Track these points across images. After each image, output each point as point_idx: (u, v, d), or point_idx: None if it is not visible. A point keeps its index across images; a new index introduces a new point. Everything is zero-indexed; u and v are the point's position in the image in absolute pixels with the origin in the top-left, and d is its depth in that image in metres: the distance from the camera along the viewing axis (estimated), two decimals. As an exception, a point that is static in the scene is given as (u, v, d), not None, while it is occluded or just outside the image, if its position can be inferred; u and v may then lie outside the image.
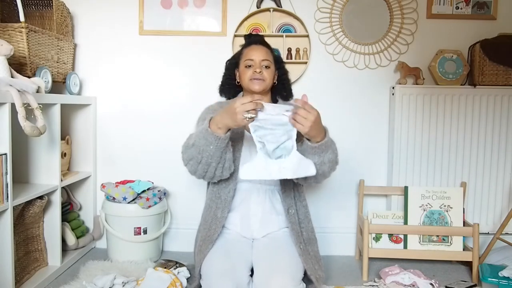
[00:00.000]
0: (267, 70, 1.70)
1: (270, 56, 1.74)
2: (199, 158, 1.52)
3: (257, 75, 1.68)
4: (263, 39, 1.82)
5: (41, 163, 1.96)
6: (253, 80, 1.69)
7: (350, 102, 2.33)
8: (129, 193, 2.11)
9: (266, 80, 1.69)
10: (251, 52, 1.72)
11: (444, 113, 2.23)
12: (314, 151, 1.49)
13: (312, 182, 1.65)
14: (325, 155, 1.52)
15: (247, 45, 1.77)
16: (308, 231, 1.73)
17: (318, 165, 1.50)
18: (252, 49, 1.73)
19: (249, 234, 1.70)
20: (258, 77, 1.68)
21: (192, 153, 1.53)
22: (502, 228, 2.05)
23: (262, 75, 1.68)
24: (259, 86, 1.69)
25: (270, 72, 1.72)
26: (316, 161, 1.49)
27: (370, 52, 2.31)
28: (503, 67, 2.18)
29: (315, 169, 1.45)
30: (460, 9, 2.28)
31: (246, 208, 1.69)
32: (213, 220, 1.68)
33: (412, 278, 1.86)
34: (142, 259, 2.13)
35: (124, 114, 2.36)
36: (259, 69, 1.68)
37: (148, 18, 2.31)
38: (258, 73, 1.68)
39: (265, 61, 1.70)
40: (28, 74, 1.83)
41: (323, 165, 1.53)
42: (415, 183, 2.25)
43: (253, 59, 1.69)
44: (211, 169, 1.54)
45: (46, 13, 2.19)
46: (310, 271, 1.58)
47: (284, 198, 1.69)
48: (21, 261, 1.81)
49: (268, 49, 1.76)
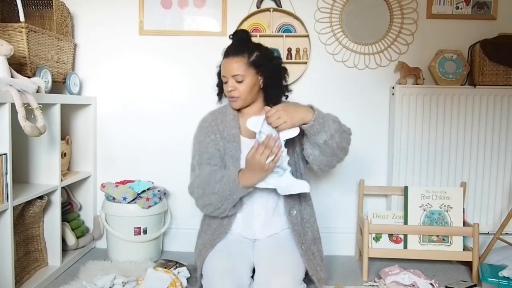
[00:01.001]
0: (241, 84, 1.64)
1: (242, 66, 1.63)
2: (219, 205, 1.56)
3: (230, 94, 1.66)
4: (240, 44, 1.69)
5: (41, 163, 1.96)
6: (230, 98, 1.69)
7: (350, 102, 2.33)
8: (129, 193, 2.11)
9: (241, 96, 1.65)
10: (224, 67, 1.67)
11: (444, 113, 2.23)
12: (313, 129, 1.49)
13: (335, 161, 1.63)
14: (328, 126, 1.51)
15: (223, 56, 1.71)
16: (313, 231, 1.72)
17: (329, 141, 1.51)
18: (224, 63, 1.67)
19: (251, 235, 1.70)
20: (231, 95, 1.66)
21: (212, 200, 1.56)
22: (502, 228, 2.05)
23: (234, 92, 1.65)
24: (235, 105, 1.69)
25: (245, 84, 1.64)
26: (325, 137, 1.50)
27: (370, 52, 2.31)
28: (503, 67, 2.18)
29: (309, 187, 1.52)
30: (460, 9, 2.28)
31: (249, 210, 1.69)
32: (218, 226, 1.67)
33: (412, 278, 1.86)
34: (142, 259, 2.13)
35: (124, 114, 2.36)
36: (231, 87, 1.65)
37: (148, 18, 2.31)
38: (229, 91, 1.66)
39: (237, 76, 1.63)
40: (28, 74, 1.83)
41: (332, 138, 1.52)
42: (415, 183, 2.25)
43: (225, 76, 1.67)
44: (225, 212, 1.60)
45: (46, 13, 2.19)
46: (312, 272, 1.57)
47: (286, 199, 1.68)
48: (21, 261, 1.81)
49: (242, 56, 1.64)
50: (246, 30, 1.78)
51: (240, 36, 1.72)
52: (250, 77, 1.65)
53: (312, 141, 1.54)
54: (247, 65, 1.64)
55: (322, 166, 1.63)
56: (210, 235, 1.67)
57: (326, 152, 1.56)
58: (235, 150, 1.66)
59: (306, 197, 1.74)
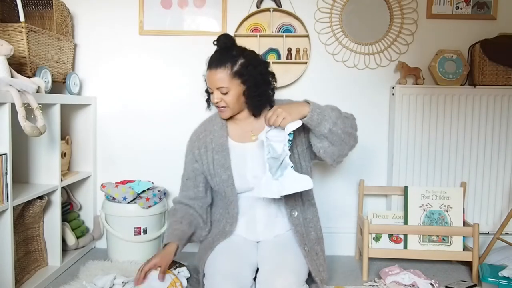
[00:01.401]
0: (226, 96, 1.62)
1: (226, 78, 1.60)
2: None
3: (217, 105, 1.66)
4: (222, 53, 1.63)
5: (41, 163, 1.96)
6: (217, 109, 1.69)
7: (350, 102, 2.32)
8: (129, 193, 2.11)
9: (229, 105, 1.64)
10: (208, 79, 1.66)
11: (444, 113, 2.23)
12: (314, 120, 1.47)
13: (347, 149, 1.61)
14: (328, 115, 1.49)
15: (208, 67, 1.66)
16: (317, 231, 1.71)
17: (333, 128, 1.49)
18: (208, 75, 1.65)
19: (255, 237, 1.70)
20: (218, 106, 1.66)
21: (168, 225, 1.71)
22: (502, 228, 2.05)
23: (221, 103, 1.64)
24: (223, 115, 1.69)
25: (231, 96, 1.62)
26: (328, 126, 1.48)
27: (370, 52, 2.31)
28: (503, 67, 2.18)
29: (312, 183, 1.50)
30: (460, 9, 2.28)
31: (252, 213, 1.69)
32: (220, 232, 1.68)
33: (412, 278, 1.86)
34: (142, 259, 2.12)
35: (124, 114, 2.36)
36: (217, 98, 1.64)
37: (148, 18, 2.31)
38: (215, 102, 1.65)
39: (221, 88, 1.61)
40: (28, 74, 1.83)
41: (336, 125, 1.50)
42: (415, 183, 2.25)
43: (210, 87, 1.66)
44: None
45: (46, 13, 2.19)
46: (315, 273, 1.57)
47: (287, 201, 1.67)
48: (21, 261, 1.81)
49: (225, 67, 1.60)
50: (229, 35, 1.68)
51: (223, 42, 1.66)
52: (234, 87, 1.62)
53: (317, 133, 1.51)
54: (230, 76, 1.60)
55: (335, 157, 1.59)
56: (211, 238, 1.69)
57: (334, 141, 1.52)
58: (224, 159, 1.67)
59: (309, 196, 1.73)
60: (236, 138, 1.71)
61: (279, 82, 2.21)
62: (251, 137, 1.70)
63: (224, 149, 1.67)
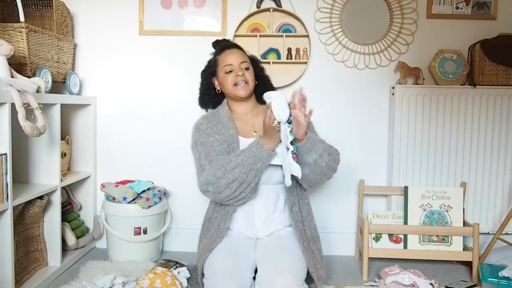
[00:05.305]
0: (248, 72, 1.70)
1: (246, 57, 1.74)
2: (243, 178, 1.52)
3: (240, 78, 1.68)
4: (234, 43, 1.81)
5: (41, 163, 1.96)
6: (237, 86, 1.69)
7: (350, 102, 2.33)
8: (129, 193, 2.11)
9: (249, 82, 1.70)
10: (228, 57, 1.70)
11: (444, 113, 2.23)
12: (305, 148, 1.52)
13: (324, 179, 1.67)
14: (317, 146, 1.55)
15: (220, 52, 1.75)
16: (311, 229, 1.73)
17: (318, 160, 1.54)
18: (228, 54, 1.71)
19: (253, 234, 1.70)
20: (241, 80, 1.68)
21: (236, 175, 1.51)
22: (502, 228, 2.05)
23: (244, 77, 1.68)
24: (244, 91, 1.69)
25: (251, 73, 1.72)
26: (315, 156, 1.54)
27: (370, 52, 2.31)
28: (503, 67, 2.18)
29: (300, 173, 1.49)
30: (460, 9, 2.28)
31: (250, 209, 1.69)
32: (216, 231, 1.68)
33: (412, 278, 1.86)
34: (142, 259, 2.13)
35: (124, 114, 2.36)
36: (241, 71, 1.68)
37: (148, 18, 2.31)
38: (241, 76, 1.68)
39: (244, 63, 1.69)
40: (28, 74, 1.83)
41: (322, 157, 1.56)
42: (415, 183, 2.25)
43: (232, 64, 1.69)
44: (247, 189, 1.56)
45: (46, 13, 2.19)
46: (312, 269, 1.59)
47: (288, 196, 1.70)
48: (21, 261, 1.81)
49: (242, 50, 1.76)
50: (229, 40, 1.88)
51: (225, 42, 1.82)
52: (251, 69, 1.74)
53: (302, 160, 1.54)
54: (248, 58, 1.75)
55: (312, 184, 1.67)
56: (208, 239, 1.69)
57: (315, 171, 1.58)
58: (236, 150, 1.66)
59: (303, 195, 1.77)
60: (241, 132, 1.71)
61: (279, 82, 2.23)
62: (252, 132, 1.73)
63: (235, 140, 1.67)
